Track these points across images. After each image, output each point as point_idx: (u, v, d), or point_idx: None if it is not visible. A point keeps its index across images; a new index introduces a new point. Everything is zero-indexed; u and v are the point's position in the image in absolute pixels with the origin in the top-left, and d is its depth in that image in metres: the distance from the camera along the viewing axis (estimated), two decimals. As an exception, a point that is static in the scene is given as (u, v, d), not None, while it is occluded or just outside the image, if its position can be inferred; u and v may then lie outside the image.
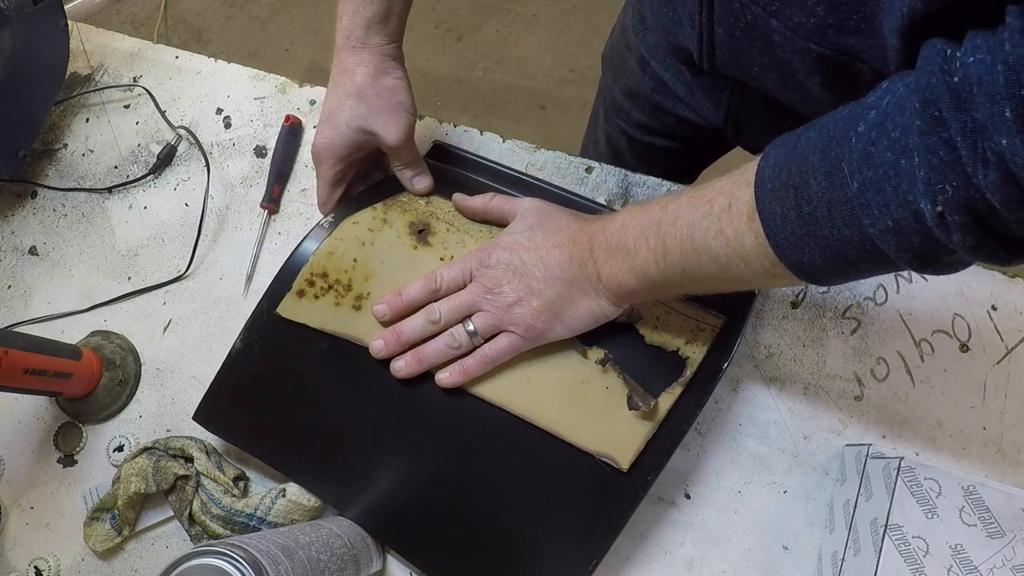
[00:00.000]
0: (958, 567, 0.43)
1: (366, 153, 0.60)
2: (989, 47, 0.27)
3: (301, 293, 0.57)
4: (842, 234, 0.34)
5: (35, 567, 0.59)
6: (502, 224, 0.56)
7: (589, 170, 0.62)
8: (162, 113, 0.70)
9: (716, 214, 0.40)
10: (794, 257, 0.37)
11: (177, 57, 0.73)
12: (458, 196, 0.58)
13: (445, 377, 0.53)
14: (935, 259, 0.33)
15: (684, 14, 0.52)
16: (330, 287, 0.57)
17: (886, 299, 0.57)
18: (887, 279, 0.57)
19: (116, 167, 0.70)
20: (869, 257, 0.35)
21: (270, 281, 0.59)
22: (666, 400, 0.51)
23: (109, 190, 0.69)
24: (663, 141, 0.75)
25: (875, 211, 0.32)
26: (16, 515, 0.61)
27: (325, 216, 0.60)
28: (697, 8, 0.49)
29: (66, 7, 0.70)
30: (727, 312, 0.53)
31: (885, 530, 0.44)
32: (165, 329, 0.64)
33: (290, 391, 0.57)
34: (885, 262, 0.35)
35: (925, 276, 0.57)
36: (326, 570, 0.46)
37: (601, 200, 0.61)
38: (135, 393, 0.63)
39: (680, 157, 0.78)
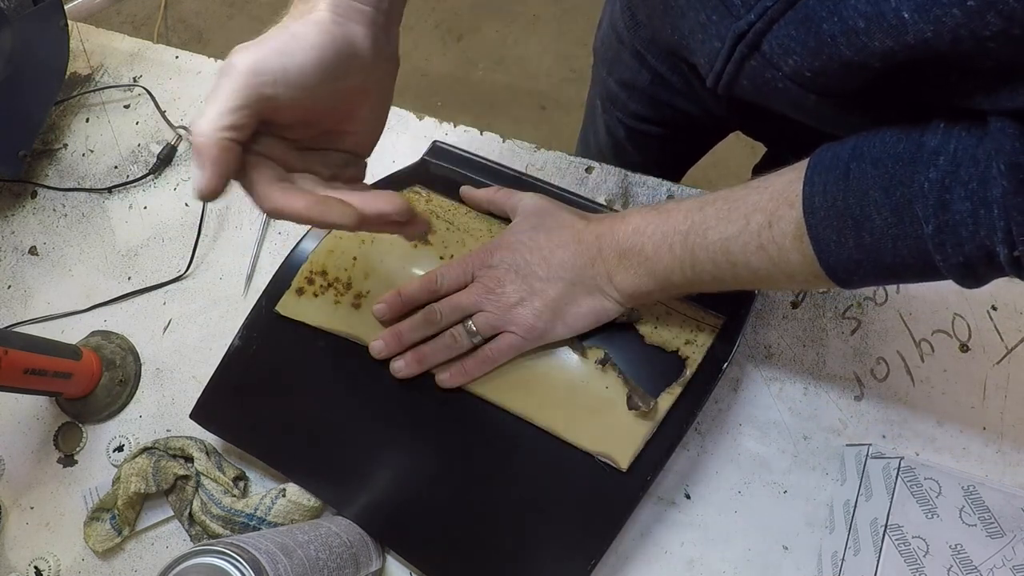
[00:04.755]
0: (958, 567, 0.43)
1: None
2: None
3: (300, 291, 0.57)
4: (905, 263, 0.37)
5: (35, 567, 0.59)
6: (505, 217, 0.56)
7: (589, 170, 0.62)
8: (162, 113, 0.70)
9: (755, 231, 0.42)
10: (845, 276, 0.39)
11: (177, 57, 0.73)
12: (466, 188, 0.58)
13: (445, 377, 0.53)
14: (988, 280, 0.36)
15: (694, 43, 0.49)
16: (329, 285, 0.57)
17: (886, 299, 0.57)
18: (887, 279, 0.57)
19: (116, 167, 0.70)
20: (925, 278, 0.38)
21: (269, 280, 0.59)
22: (666, 400, 0.51)
23: (109, 190, 0.69)
24: (662, 130, 0.75)
25: (948, 250, 0.34)
26: (16, 515, 0.61)
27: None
28: (722, 60, 0.45)
29: (66, 7, 0.70)
30: (727, 312, 0.53)
31: (885, 530, 0.44)
32: (165, 329, 0.64)
33: (288, 390, 0.57)
34: (936, 278, 0.37)
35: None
36: (325, 568, 0.46)
37: (601, 200, 0.61)
38: (135, 393, 0.63)
39: (680, 144, 0.78)
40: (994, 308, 0.55)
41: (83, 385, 0.60)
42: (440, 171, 0.62)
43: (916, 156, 0.35)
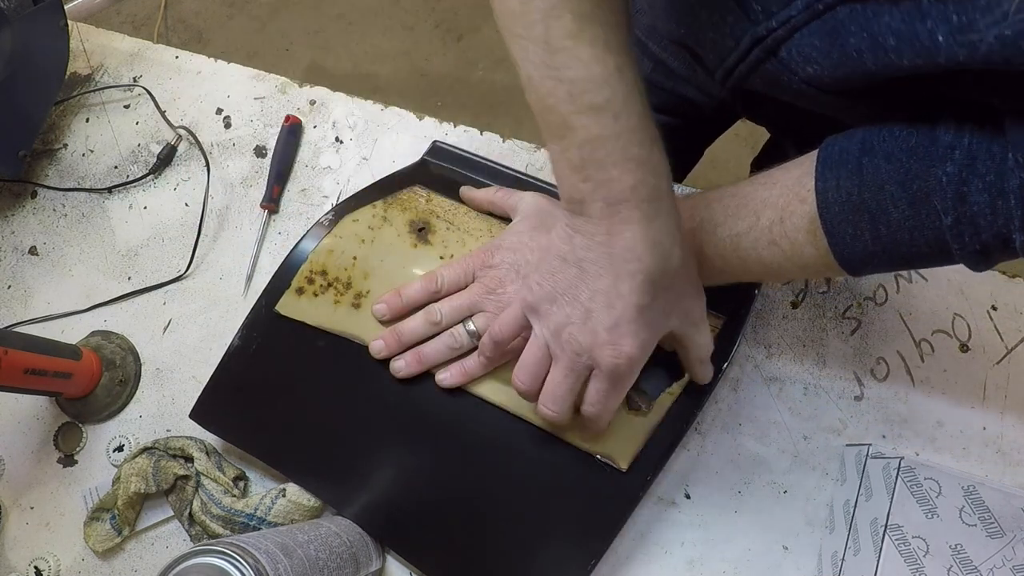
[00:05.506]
0: (958, 567, 0.43)
1: None
2: None
3: (300, 291, 0.57)
4: (921, 252, 0.38)
5: (35, 567, 0.59)
6: (504, 217, 0.56)
7: (589, 170, 0.62)
8: (162, 113, 0.70)
9: (766, 227, 0.42)
10: (860, 267, 0.40)
11: (177, 57, 0.73)
12: (466, 188, 0.58)
13: (445, 377, 0.53)
14: (998, 263, 0.37)
15: (703, 38, 0.49)
16: (329, 285, 0.57)
17: (886, 299, 0.57)
18: (887, 279, 0.57)
19: (116, 167, 0.70)
20: (936, 264, 0.39)
21: (269, 280, 0.59)
22: (666, 400, 0.51)
23: (109, 190, 0.69)
24: (665, 118, 0.74)
25: (966, 239, 0.36)
26: (16, 515, 0.61)
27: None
28: (734, 60, 0.45)
29: (66, 7, 0.70)
30: (727, 312, 0.53)
31: (885, 530, 0.44)
32: (165, 329, 0.64)
33: (288, 389, 0.57)
34: (948, 263, 0.38)
35: (924, 276, 0.57)
36: (325, 568, 0.46)
37: (601, 200, 0.61)
38: (135, 393, 0.63)
39: (683, 133, 0.78)
40: (994, 308, 0.55)
41: (83, 385, 0.60)
42: (440, 171, 0.62)
43: (931, 150, 0.36)
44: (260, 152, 0.68)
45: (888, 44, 0.34)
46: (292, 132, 0.67)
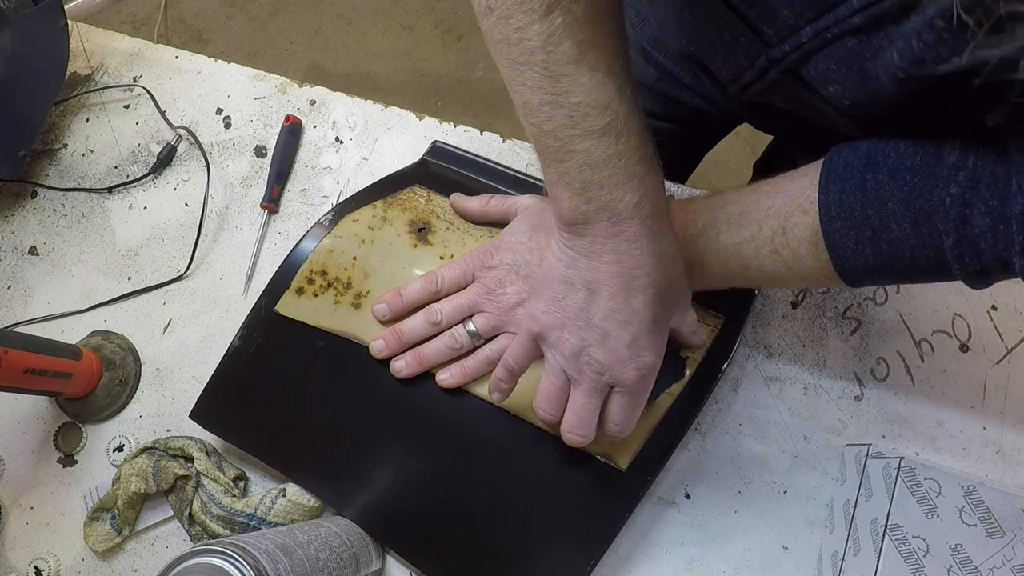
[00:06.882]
0: (958, 567, 0.43)
1: None
2: None
3: (300, 291, 0.57)
4: (921, 268, 0.38)
5: (35, 567, 0.59)
6: (502, 224, 0.56)
7: (589, 170, 0.62)
8: (162, 113, 0.70)
9: (768, 236, 0.43)
10: (860, 280, 0.41)
11: (177, 57, 0.73)
12: (455, 197, 0.58)
13: (446, 377, 0.53)
14: (996, 281, 0.37)
15: (714, 55, 0.49)
16: (329, 285, 0.57)
17: (886, 299, 0.57)
18: (887, 279, 0.58)
19: (116, 167, 0.70)
20: (935, 280, 0.39)
21: (269, 280, 0.59)
22: (666, 400, 0.51)
23: (109, 190, 0.69)
24: (668, 125, 0.74)
25: (967, 260, 0.36)
26: (16, 515, 0.61)
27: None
28: (750, 77, 0.45)
29: (66, 7, 0.70)
30: (727, 312, 0.53)
31: (885, 530, 0.44)
32: (165, 329, 0.64)
33: (288, 389, 0.57)
34: (947, 280, 0.38)
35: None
36: (325, 568, 0.46)
37: (601, 200, 0.61)
38: (135, 393, 0.63)
39: (687, 140, 0.78)
40: (994, 308, 0.55)
41: (83, 385, 0.60)
42: (440, 171, 0.62)
43: (935, 169, 0.36)
44: (260, 152, 0.68)
45: (902, 68, 0.34)
46: (292, 132, 0.67)
